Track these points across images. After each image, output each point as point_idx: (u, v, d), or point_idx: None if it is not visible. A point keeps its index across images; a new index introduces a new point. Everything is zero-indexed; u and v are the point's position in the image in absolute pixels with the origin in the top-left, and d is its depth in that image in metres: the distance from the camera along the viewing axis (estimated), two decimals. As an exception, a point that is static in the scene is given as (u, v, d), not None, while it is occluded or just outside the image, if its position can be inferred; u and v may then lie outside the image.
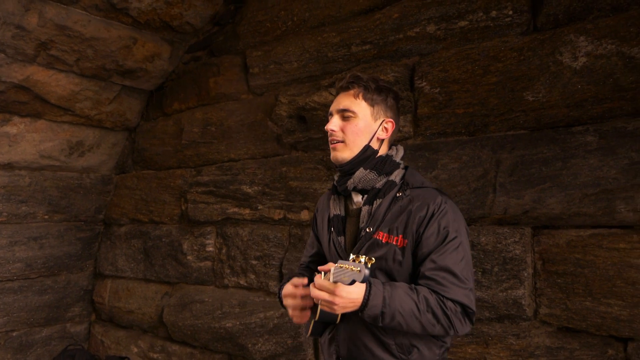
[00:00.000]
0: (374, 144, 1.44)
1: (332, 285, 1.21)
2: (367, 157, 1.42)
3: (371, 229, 1.37)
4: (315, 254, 1.67)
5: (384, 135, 1.46)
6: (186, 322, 3.05)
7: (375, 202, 1.40)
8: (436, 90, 2.17)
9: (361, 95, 1.44)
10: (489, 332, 1.97)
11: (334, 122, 1.45)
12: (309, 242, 1.73)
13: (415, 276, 1.35)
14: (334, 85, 2.51)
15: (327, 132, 1.46)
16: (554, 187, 1.86)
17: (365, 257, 1.19)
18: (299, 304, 1.41)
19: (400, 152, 1.50)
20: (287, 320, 2.61)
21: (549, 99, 1.90)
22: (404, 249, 1.34)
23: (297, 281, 1.43)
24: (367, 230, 1.37)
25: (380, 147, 1.46)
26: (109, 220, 3.68)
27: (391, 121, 1.47)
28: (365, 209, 1.41)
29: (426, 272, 1.30)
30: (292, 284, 1.44)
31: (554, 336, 1.84)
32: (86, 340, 3.69)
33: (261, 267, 2.77)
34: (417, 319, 1.25)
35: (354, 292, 1.22)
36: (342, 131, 1.43)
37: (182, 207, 3.22)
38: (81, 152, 3.39)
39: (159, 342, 3.23)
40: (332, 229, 1.48)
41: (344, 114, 1.43)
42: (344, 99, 1.45)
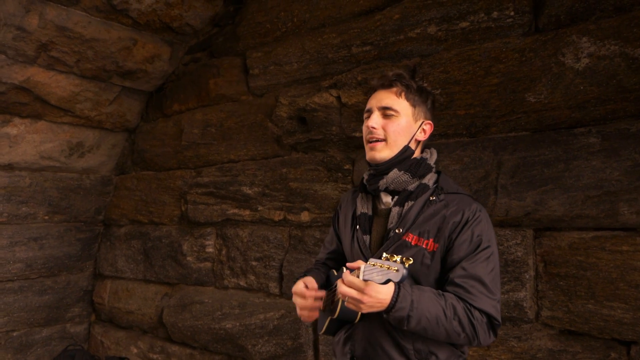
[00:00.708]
0: (412, 145, 1.41)
1: (363, 283, 1.18)
2: (405, 158, 1.39)
3: (401, 230, 1.34)
4: (333, 251, 1.65)
5: (422, 136, 1.44)
6: (186, 323, 3.04)
7: (406, 204, 1.38)
8: (437, 91, 2.16)
9: (403, 94, 1.40)
10: (490, 335, 1.96)
11: (375, 120, 1.39)
12: (327, 238, 1.71)
13: (441, 282, 1.33)
14: (334, 86, 2.50)
15: (366, 129, 1.41)
16: (556, 189, 1.85)
17: (401, 256, 1.15)
18: (308, 305, 1.40)
19: (434, 156, 1.47)
20: (287, 321, 2.60)
21: (551, 100, 1.89)
22: (433, 253, 1.32)
23: (310, 283, 1.43)
24: (397, 231, 1.34)
25: (415, 149, 1.43)
26: (108, 221, 3.68)
27: (430, 123, 1.45)
28: (395, 210, 1.38)
29: (455, 278, 1.28)
30: (304, 282, 1.43)
31: (556, 339, 1.83)
32: (86, 340, 3.69)
33: (261, 268, 2.76)
34: (443, 325, 1.22)
35: (383, 293, 1.18)
36: (384, 129, 1.39)
37: (182, 208, 3.21)
38: (81, 153, 3.38)
39: (159, 342, 3.23)
40: (358, 226, 1.45)
41: (386, 112, 1.39)
42: (385, 97, 1.41)
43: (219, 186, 3.01)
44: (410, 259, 1.15)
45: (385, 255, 1.16)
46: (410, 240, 1.33)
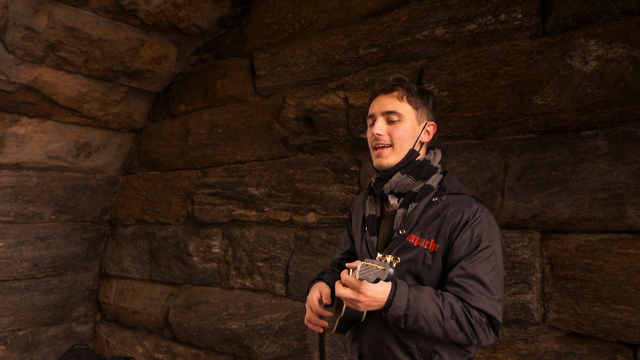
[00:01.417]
0: (416, 148, 1.43)
1: (358, 282, 1.21)
2: (411, 161, 1.41)
3: (404, 232, 1.37)
4: (347, 251, 1.68)
5: (426, 138, 1.45)
6: (191, 323, 3.05)
7: (410, 205, 1.40)
8: (444, 93, 2.16)
9: (405, 97, 1.41)
10: (496, 337, 1.97)
11: (379, 126, 1.41)
12: (342, 239, 1.75)
13: (443, 282, 1.34)
14: (341, 87, 2.51)
15: (371, 136, 1.43)
16: (563, 192, 1.85)
17: (391, 256, 1.17)
18: (313, 320, 1.45)
19: (437, 156, 1.48)
20: (293, 322, 2.61)
21: (558, 102, 1.89)
22: (434, 254, 1.34)
23: (325, 292, 1.47)
24: (400, 232, 1.37)
25: (420, 151, 1.45)
26: (115, 220, 3.69)
27: (433, 124, 1.47)
28: (400, 212, 1.41)
29: (454, 278, 1.29)
30: (320, 292, 1.47)
31: (563, 341, 1.83)
32: (91, 340, 3.70)
33: (267, 269, 2.77)
34: (440, 324, 1.24)
35: (379, 292, 1.22)
36: (389, 135, 1.40)
37: (188, 209, 3.22)
38: (88, 152, 3.40)
39: (164, 342, 3.24)
40: (366, 228, 1.48)
41: (390, 117, 1.41)
42: (388, 102, 1.42)
43: (225, 187, 3.02)
44: (398, 258, 1.19)
45: (379, 255, 1.20)
46: (412, 241, 1.35)
